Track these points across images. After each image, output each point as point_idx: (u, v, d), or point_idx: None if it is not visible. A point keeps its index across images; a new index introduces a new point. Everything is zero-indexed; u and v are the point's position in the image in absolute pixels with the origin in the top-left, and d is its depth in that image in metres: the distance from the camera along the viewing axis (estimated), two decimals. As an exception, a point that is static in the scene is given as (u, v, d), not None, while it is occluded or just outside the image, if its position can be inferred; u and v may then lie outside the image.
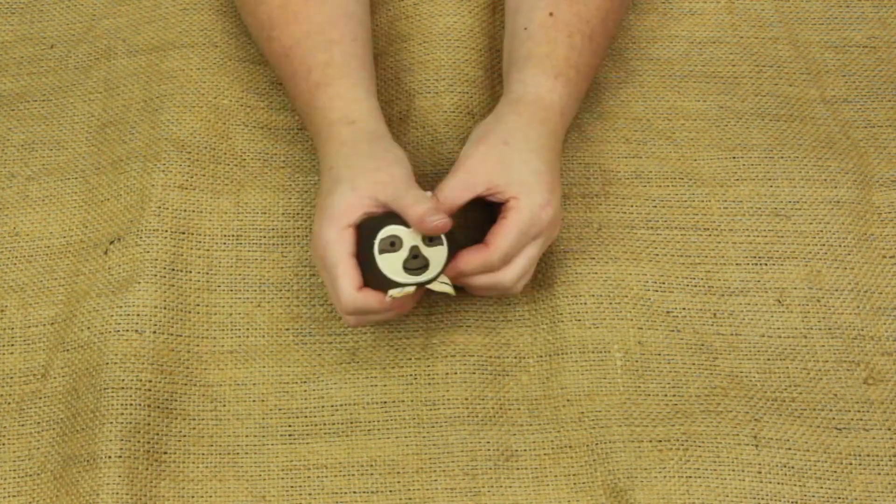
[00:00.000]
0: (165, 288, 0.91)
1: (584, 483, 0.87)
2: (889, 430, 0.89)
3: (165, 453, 0.87)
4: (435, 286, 0.84)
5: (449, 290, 0.85)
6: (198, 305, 0.91)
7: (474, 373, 0.90)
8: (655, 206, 0.96)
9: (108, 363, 0.88)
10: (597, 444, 0.88)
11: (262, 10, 0.93)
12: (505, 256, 0.83)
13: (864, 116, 1.01)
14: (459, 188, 0.84)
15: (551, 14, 0.91)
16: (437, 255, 0.83)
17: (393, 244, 0.82)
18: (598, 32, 0.93)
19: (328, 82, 0.88)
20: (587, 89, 0.95)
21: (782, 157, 0.99)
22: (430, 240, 0.83)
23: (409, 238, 0.83)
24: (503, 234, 0.83)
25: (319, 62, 0.89)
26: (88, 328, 0.90)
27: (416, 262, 0.82)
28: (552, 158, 0.87)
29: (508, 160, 0.85)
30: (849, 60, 1.04)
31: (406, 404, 0.89)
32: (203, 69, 0.99)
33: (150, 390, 0.88)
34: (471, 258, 0.83)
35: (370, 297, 0.82)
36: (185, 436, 0.88)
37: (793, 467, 0.87)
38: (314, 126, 0.89)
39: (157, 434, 0.87)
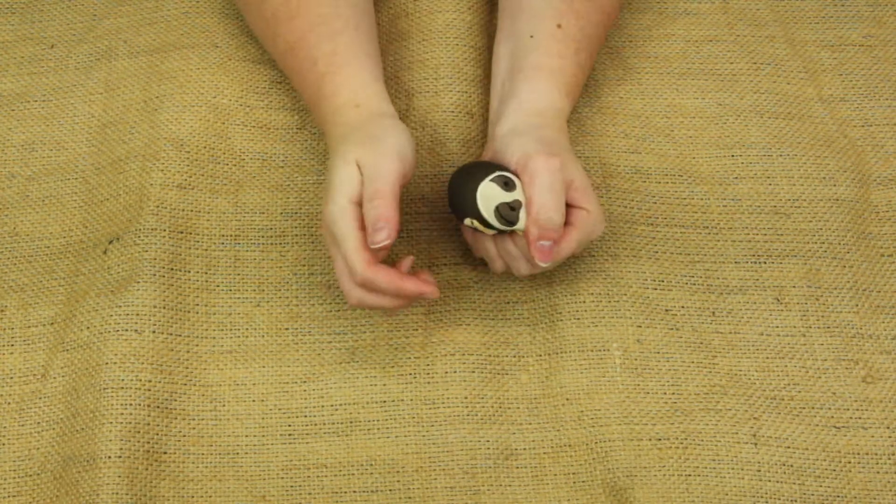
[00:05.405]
0: (164, 287, 0.91)
1: (583, 482, 0.87)
2: (888, 428, 0.88)
3: (165, 453, 0.87)
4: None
5: None
6: (197, 305, 0.91)
7: (473, 371, 0.90)
8: (655, 203, 0.96)
9: (107, 363, 0.88)
10: (596, 442, 0.88)
11: (266, 8, 0.93)
12: (563, 259, 0.85)
13: (861, 115, 1.01)
14: (547, 194, 0.84)
15: (559, 26, 0.92)
16: (523, 218, 0.84)
17: (507, 184, 0.83)
18: (595, 49, 0.94)
19: (334, 71, 0.89)
20: None
21: (781, 155, 0.99)
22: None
23: (520, 194, 0.83)
24: (567, 240, 0.84)
25: (325, 53, 0.90)
26: (88, 328, 0.90)
27: (510, 214, 0.83)
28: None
29: (568, 168, 0.85)
30: (845, 59, 1.03)
31: (405, 403, 0.89)
32: (202, 69, 0.99)
33: (149, 390, 0.88)
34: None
35: (379, 273, 0.81)
36: (184, 436, 0.88)
37: (792, 465, 0.87)
38: (322, 114, 0.90)
39: (157, 434, 0.87)
